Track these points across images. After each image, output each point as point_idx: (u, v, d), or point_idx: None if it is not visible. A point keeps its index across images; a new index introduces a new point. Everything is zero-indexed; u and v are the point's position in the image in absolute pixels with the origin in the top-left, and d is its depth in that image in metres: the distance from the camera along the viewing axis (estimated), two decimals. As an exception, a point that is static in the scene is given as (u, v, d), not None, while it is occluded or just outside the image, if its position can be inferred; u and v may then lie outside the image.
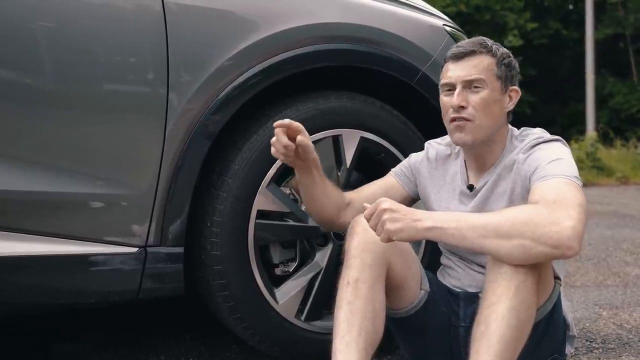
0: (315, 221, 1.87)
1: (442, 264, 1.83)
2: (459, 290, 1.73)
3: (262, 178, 1.85)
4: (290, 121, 1.65)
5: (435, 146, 1.83)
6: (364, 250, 1.55)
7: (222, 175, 1.84)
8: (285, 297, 1.91)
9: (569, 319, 1.71)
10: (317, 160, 1.73)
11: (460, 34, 2.27)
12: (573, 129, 16.78)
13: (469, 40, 1.69)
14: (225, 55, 1.78)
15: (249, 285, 1.85)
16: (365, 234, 1.55)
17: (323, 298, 1.92)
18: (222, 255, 1.82)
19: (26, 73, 1.61)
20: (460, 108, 1.61)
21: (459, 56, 1.64)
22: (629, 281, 3.21)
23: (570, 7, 21.78)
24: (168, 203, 1.73)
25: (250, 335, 1.90)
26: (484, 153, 1.68)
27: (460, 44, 1.67)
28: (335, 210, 1.79)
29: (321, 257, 1.97)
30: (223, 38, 1.79)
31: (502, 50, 1.67)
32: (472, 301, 1.64)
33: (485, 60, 1.63)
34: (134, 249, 1.71)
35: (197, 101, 1.74)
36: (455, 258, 1.76)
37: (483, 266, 1.59)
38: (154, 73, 1.70)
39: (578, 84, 16.96)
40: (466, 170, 1.74)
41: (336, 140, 1.98)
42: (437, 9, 2.40)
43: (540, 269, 1.46)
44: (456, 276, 1.75)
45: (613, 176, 10.15)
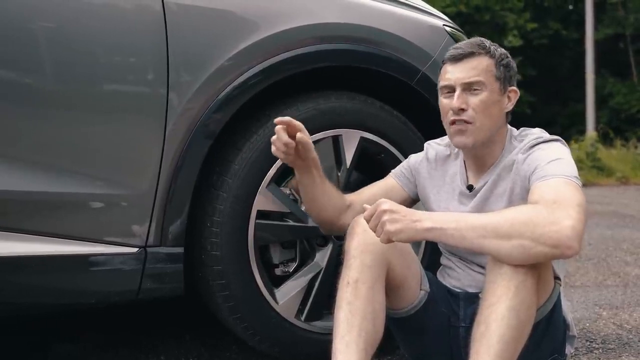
0: (315, 223, 1.87)
1: (442, 264, 1.83)
2: (459, 290, 1.73)
3: (262, 178, 1.85)
4: (290, 119, 1.65)
5: (434, 147, 1.84)
6: (363, 251, 1.55)
7: (222, 176, 1.84)
8: (285, 298, 1.91)
9: (569, 319, 1.71)
10: (317, 160, 1.73)
11: (460, 34, 2.27)
12: (573, 129, 16.78)
13: (467, 42, 1.68)
14: (226, 55, 1.78)
15: (249, 286, 1.85)
16: (365, 234, 1.55)
17: (323, 298, 1.92)
18: (222, 256, 1.82)
19: (26, 73, 1.61)
20: (460, 110, 1.61)
21: (457, 58, 1.63)
22: (629, 281, 3.21)
23: (570, 8, 21.78)
24: (168, 203, 1.73)
25: (250, 335, 1.90)
26: (483, 154, 1.68)
27: (458, 45, 1.67)
28: (335, 212, 1.79)
29: (321, 258, 1.97)
30: (223, 38, 1.79)
31: (500, 50, 1.67)
32: (472, 301, 1.64)
33: (484, 61, 1.63)
34: (134, 249, 1.71)
35: (197, 101, 1.75)
36: (455, 258, 1.76)
37: (483, 266, 1.59)
38: (154, 73, 1.70)
39: (578, 84, 16.95)
40: (465, 171, 1.75)
41: (336, 141, 1.98)
42: (437, 9, 2.40)
43: (540, 269, 1.46)
44: (456, 276, 1.76)
45: (613, 176, 10.15)
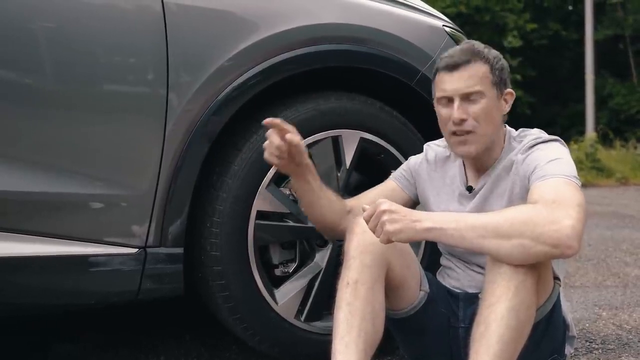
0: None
1: (442, 264, 1.83)
2: (458, 291, 1.73)
3: (262, 179, 1.85)
4: (281, 121, 1.64)
5: (434, 148, 1.83)
6: (363, 251, 1.55)
7: (222, 176, 1.84)
8: (285, 298, 1.91)
9: (569, 319, 1.71)
10: (312, 166, 1.72)
11: (460, 34, 2.27)
12: (573, 129, 16.76)
13: (460, 49, 1.65)
14: (225, 56, 1.78)
15: (248, 286, 1.85)
16: (364, 235, 1.55)
17: (323, 299, 1.92)
18: (222, 256, 1.82)
19: (26, 73, 1.61)
20: (462, 121, 1.60)
21: (452, 67, 1.61)
22: (629, 282, 3.21)
23: (570, 8, 21.76)
24: (168, 204, 1.73)
25: (250, 335, 1.90)
26: (483, 155, 1.68)
27: (452, 53, 1.64)
28: (335, 217, 1.78)
29: (321, 258, 1.97)
30: (223, 39, 1.79)
31: (494, 53, 1.65)
32: (472, 302, 1.64)
33: (480, 68, 1.61)
34: (134, 250, 1.71)
35: (197, 102, 1.75)
36: (455, 259, 1.76)
37: (483, 267, 1.59)
38: (154, 73, 1.70)
39: (577, 84, 16.94)
40: (465, 172, 1.75)
41: (336, 141, 1.98)
42: (437, 10, 2.40)
43: (539, 269, 1.46)
44: (456, 277, 1.76)
45: (613, 177, 10.14)
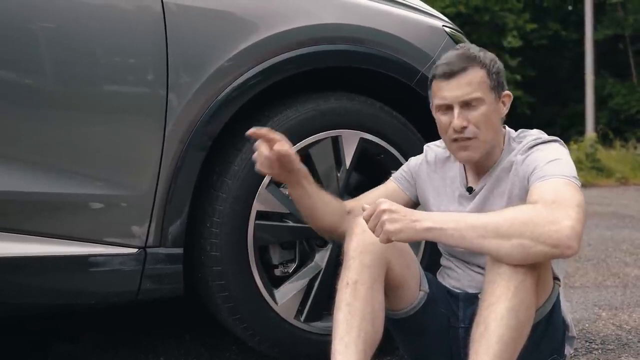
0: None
1: (442, 265, 1.83)
2: (458, 291, 1.73)
3: (262, 179, 1.85)
4: (267, 130, 1.64)
5: (433, 149, 1.83)
6: (363, 251, 1.55)
7: (222, 176, 1.84)
8: (285, 298, 1.91)
9: (568, 319, 1.71)
10: (305, 171, 1.72)
11: (460, 35, 2.27)
12: (572, 129, 16.77)
13: (456, 55, 1.62)
14: (225, 56, 1.78)
15: (248, 286, 1.85)
16: (364, 235, 1.55)
17: (322, 299, 1.92)
18: (222, 256, 1.82)
19: (26, 73, 1.61)
20: (463, 128, 1.60)
21: (450, 75, 1.59)
22: (629, 282, 3.21)
23: (570, 8, 21.77)
24: (168, 204, 1.73)
25: (250, 336, 1.90)
26: (483, 157, 1.68)
27: (448, 60, 1.62)
28: (334, 219, 1.77)
29: (320, 258, 1.97)
30: (223, 39, 1.79)
31: (489, 56, 1.64)
32: (472, 302, 1.64)
33: (477, 74, 1.60)
34: (134, 250, 1.71)
35: (197, 102, 1.75)
36: (455, 259, 1.76)
37: (483, 267, 1.59)
38: (154, 74, 1.70)
39: (577, 84, 16.94)
40: (465, 173, 1.74)
41: (336, 141, 1.98)
42: (436, 10, 2.40)
43: (539, 269, 1.46)
44: (456, 277, 1.76)
45: (612, 177, 10.15)
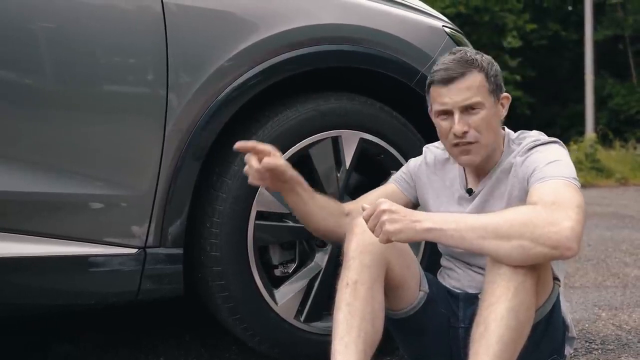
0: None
1: (442, 265, 1.83)
2: (458, 291, 1.73)
3: (262, 179, 1.85)
4: (254, 143, 1.63)
5: (433, 150, 1.83)
6: (362, 251, 1.55)
7: (222, 176, 1.84)
8: (285, 298, 1.91)
9: (568, 320, 1.72)
10: (299, 178, 1.71)
11: (460, 35, 2.27)
12: (572, 130, 16.77)
13: (453, 59, 1.61)
14: (225, 56, 1.78)
15: (248, 287, 1.85)
16: (364, 235, 1.55)
17: (322, 299, 1.92)
18: (222, 256, 1.82)
19: (26, 73, 1.61)
20: (464, 133, 1.59)
21: (449, 80, 1.59)
22: (628, 282, 3.21)
23: (570, 9, 21.76)
24: (167, 204, 1.73)
25: (249, 336, 1.90)
26: (483, 160, 1.68)
27: (446, 65, 1.60)
28: (332, 223, 1.77)
29: (320, 258, 1.97)
30: (223, 39, 1.79)
31: (486, 59, 1.64)
32: (472, 302, 1.64)
33: (476, 78, 1.59)
34: (134, 250, 1.71)
35: (197, 102, 1.75)
36: (455, 260, 1.76)
37: (483, 268, 1.59)
38: (154, 74, 1.71)
39: (577, 85, 16.94)
40: (465, 175, 1.74)
41: (336, 142, 1.98)
42: (436, 10, 2.40)
43: (539, 269, 1.46)
44: (456, 277, 1.76)
45: (612, 177, 10.15)
